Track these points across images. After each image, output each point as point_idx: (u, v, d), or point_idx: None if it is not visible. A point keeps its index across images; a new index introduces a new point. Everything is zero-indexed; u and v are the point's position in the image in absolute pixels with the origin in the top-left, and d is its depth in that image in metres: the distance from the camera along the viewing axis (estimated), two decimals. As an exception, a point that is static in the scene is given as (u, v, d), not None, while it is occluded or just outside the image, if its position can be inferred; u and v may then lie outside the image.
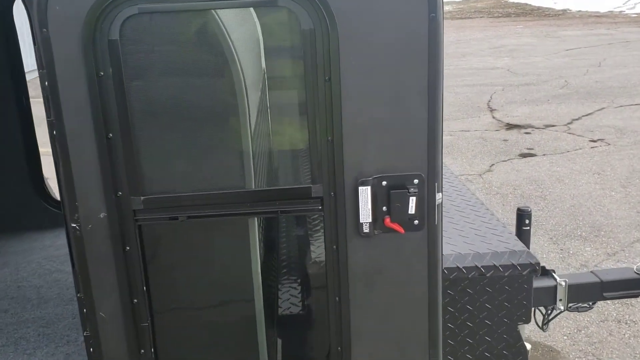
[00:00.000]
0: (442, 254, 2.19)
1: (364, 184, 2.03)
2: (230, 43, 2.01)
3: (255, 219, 2.18)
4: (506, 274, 2.29)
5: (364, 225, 2.06)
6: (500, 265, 2.28)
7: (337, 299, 2.15)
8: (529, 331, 4.61)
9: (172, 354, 2.27)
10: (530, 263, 2.31)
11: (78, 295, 2.13)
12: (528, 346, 3.02)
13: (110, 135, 1.98)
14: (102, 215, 2.04)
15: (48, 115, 1.95)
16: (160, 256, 2.20)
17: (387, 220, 2.05)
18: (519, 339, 2.37)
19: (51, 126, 1.95)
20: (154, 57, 1.98)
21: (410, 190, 2.03)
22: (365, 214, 2.05)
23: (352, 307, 2.15)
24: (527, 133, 10.24)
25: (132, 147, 2.01)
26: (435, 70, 1.95)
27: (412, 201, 2.03)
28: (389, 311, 2.17)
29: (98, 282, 2.11)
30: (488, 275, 2.28)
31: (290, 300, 2.35)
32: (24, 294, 3.90)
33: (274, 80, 2.15)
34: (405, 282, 2.13)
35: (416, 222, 2.07)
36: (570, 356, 4.63)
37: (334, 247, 2.10)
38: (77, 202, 2.02)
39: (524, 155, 9.08)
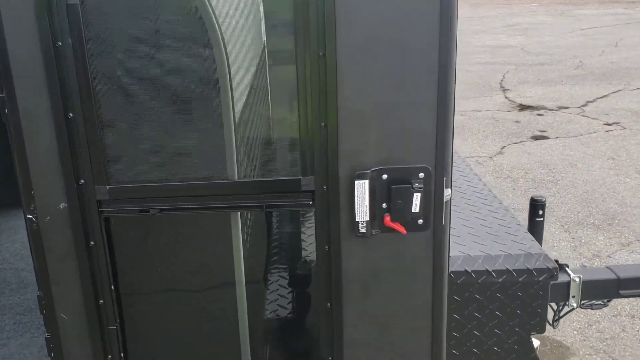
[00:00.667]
0: (449, 257, 1.93)
1: (361, 177, 1.77)
2: (211, 10, 1.73)
3: (239, 213, 1.93)
4: (520, 280, 2.03)
5: (361, 225, 1.80)
6: (513, 270, 2.03)
7: (328, 305, 1.90)
8: (537, 325, 4.37)
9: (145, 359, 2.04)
10: (548, 268, 2.05)
11: (38, 293, 1.90)
12: (536, 342, 2.79)
13: (71, 114, 1.72)
14: (62, 205, 1.79)
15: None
16: (130, 252, 1.96)
17: (387, 219, 1.80)
18: (531, 350, 2.12)
19: (2, 103, 1.70)
20: (121, 25, 1.71)
21: (414, 186, 1.77)
22: (362, 212, 1.79)
23: (346, 314, 1.91)
24: (539, 115, 9.90)
25: (96, 129, 1.75)
26: (447, 47, 1.67)
27: (417, 198, 1.77)
28: (387, 320, 1.92)
29: (58, 281, 1.87)
30: (500, 280, 2.03)
31: (278, 303, 2.11)
32: (3, 277, 3.69)
33: (268, 57, 1.89)
34: (407, 288, 1.89)
35: (420, 221, 1.81)
36: (581, 352, 4.40)
37: (326, 247, 1.85)
38: (34, 190, 1.77)
39: (536, 138, 8.76)
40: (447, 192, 1.82)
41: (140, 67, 1.75)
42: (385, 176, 1.77)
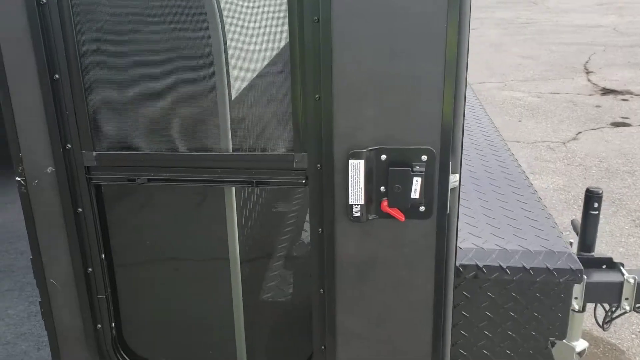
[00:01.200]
0: (456, 248, 1.75)
1: (355, 156, 1.61)
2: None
3: (233, 188, 1.82)
4: (538, 279, 1.82)
5: (355, 208, 1.65)
6: (531, 268, 1.82)
7: (321, 291, 1.78)
8: (590, 324, 4.06)
9: (135, 331, 2.00)
10: (571, 269, 1.83)
11: (31, 257, 1.88)
12: (584, 344, 2.56)
13: (57, 76, 1.66)
14: (49, 169, 1.75)
15: None
16: (121, 221, 1.90)
17: (384, 203, 1.64)
18: (549, 357, 1.92)
19: None
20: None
21: (414, 169, 1.60)
22: (356, 194, 1.64)
23: (339, 302, 1.78)
24: (624, 100, 9.21)
25: (83, 92, 1.68)
26: (457, 12, 1.48)
27: (417, 182, 1.60)
28: (383, 310, 1.77)
29: (47, 246, 1.84)
30: (515, 278, 1.83)
31: (273, 284, 2.00)
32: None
33: (257, 21, 1.75)
34: (405, 279, 1.73)
35: (422, 208, 1.64)
36: (637, 358, 4.06)
37: (319, 230, 1.71)
38: (21, 153, 1.73)
39: (616, 125, 8.16)
40: (453, 178, 1.64)
41: (131, 30, 1.67)
42: (383, 157, 1.61)
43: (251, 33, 1.69)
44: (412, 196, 1.61)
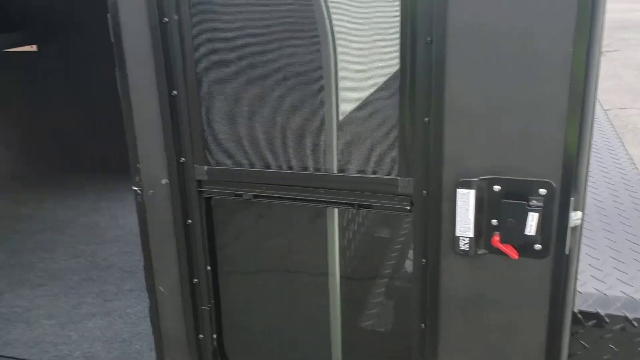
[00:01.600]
0: (574, 292, 1.59)
1: (465, 185, 1.51)
2: (323, 4, 1.60)
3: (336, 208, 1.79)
4: None
5: (462, 240, 1.55)
6: None
7: (422, 325, 1.68)
8: None
9: (236, 343, 2.01)
10: None
11: (143, 264, 1.96)
12: None
13: (175, 92, 1.72)
14: (163, 181, 1.81)
15: (114, 65, 1.75)
16: (227, 235, 1.92)
17: (496, 238, 1.52)
18: None
19: (116, 77, 1.76)
20: (228, 3, 1.66)
21: (531, 204, 1.47)
22: (465, 226, 1.54)
23: (441, 339, 1.68)
24: None
25: (198, 108, 1.73)
26: (586, 30, 1.34)
27: (533, 218, 1.47)
28: (489, 353, 1.65)
29: (158, 253, 1.91)
30: None
31: (372, 311, 1.93)
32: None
33: (370, 42, 1.71)
34: (516, 321, 1.59)
35: (537, 246, 1.50)
36: None
37: (423, 260, 1.63)
38: (139, 163, 1.82)
39: None
40: (575, 215, 1.48)
41: (245, 49, 1.69)
42: (497, 188, 1.50)
43: (362, 53, 1.65)
44: (527, 232, 1.48)
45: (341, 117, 1.70)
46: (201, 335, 1.95)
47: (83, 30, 4.95)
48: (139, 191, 1.84)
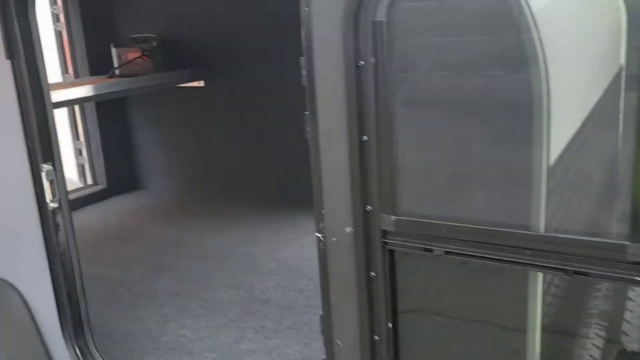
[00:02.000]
0: None
1: None
2: (533, 27, 1.44)
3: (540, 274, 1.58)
4: None
5: None
6: None
7: None
8: None
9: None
10: None
11: (320, 314, 1.88)
12: None
13: (365, 137, 1.63)
14: (348, 229, 1.72)
15: (306, 108, 1.71)
16: (413, 292, 1.79)
17: None
18: None
19: (306, 120, 1.71)
20: (428, 45, 1.55)
21: None
22: None
23: None
24: None
25: (389, 154, 1.63)
26: None
27: None
28: None
29: (338, 305, 1.81)
30: None
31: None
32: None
33: (585, 70, 1.50)
34: None
35: None
36: None
37: None
38: (324, 209, 1.74)
39: None
40: None
41: (443, 91, 1.56)
42: None
43: (579, 82, 1.46)
44: None
45: (552, 160, 1.51)
46: None
47: (246, 68, 5.18)
48: (321, 238, 1.77)
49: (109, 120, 5.86)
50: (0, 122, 2.47)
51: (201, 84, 5.51)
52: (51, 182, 2.45)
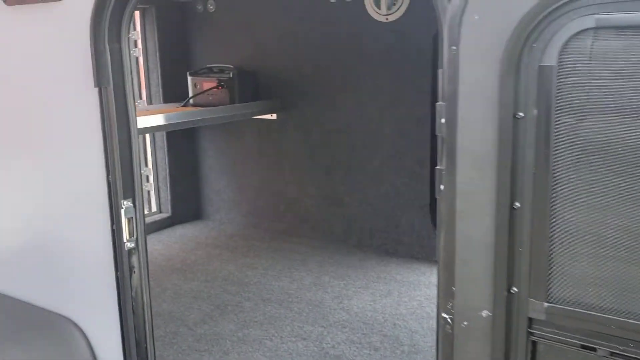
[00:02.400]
0: None
1: None
2: None
3: None
4: None
5: None
6: None
7: None
8: None
9: None
10: None
11: None
12: None
13: (518, 204, 1.35)
14: (484, 313, 1.43)
15: (441, 164, 1.44)
16: None
17: None
18: None
19: (440, 176, 1.44)
20: (613, 97, 1.26)
21: None
22: None
23: None
24: None
25: (547, 225, 1.34)
26: None
27: None
28: None
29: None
30: None
31: None
32: (397, 335, 3.62)
33: None
34: None
35: None
36: None
37: None
38: (455, 286, 1.46)
39: None
40: None
41: (627, 153, 1.27)
42: None
43: None
44: None
45: None
46: None
47: (320, 103, 5.05)
48: (448, 320, 1.48)
49: (178, 148, 5.76)
50: (82, 154, 2.30)
51: (273, 116, 5.34)
52: (129, 220, 2.25)
